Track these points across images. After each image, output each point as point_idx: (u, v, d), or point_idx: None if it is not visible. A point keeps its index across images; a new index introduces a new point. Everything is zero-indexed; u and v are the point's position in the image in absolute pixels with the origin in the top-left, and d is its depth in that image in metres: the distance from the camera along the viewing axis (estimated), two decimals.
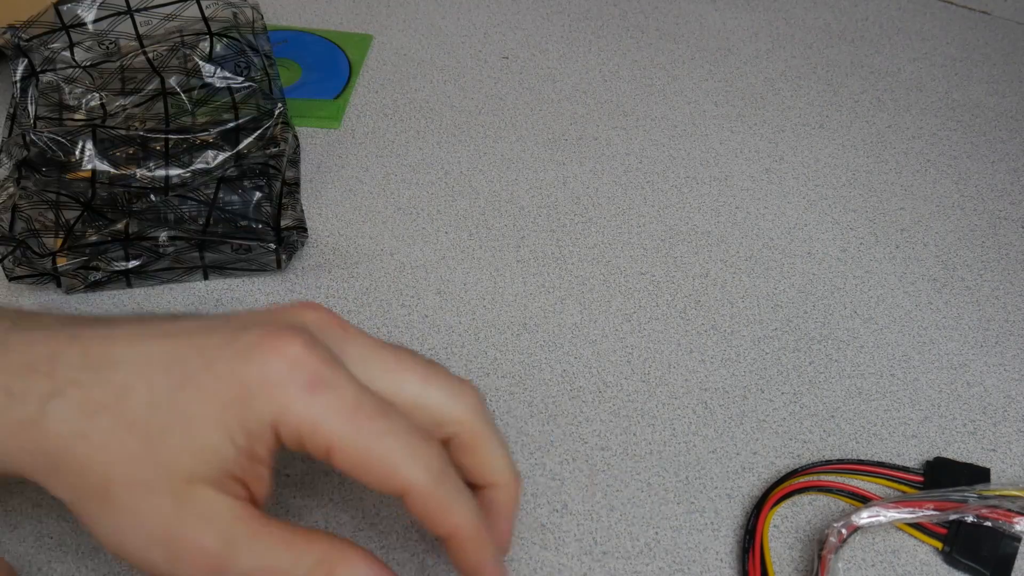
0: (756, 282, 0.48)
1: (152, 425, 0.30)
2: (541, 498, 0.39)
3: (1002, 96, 0.60)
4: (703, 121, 0.57)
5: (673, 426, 0.42)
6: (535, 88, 0.59)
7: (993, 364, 0.45)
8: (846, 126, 0.57)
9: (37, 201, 0.47)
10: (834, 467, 0.40)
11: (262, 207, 0.48)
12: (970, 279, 0.49)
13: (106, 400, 0.30)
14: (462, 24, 0.64)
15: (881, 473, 0.40)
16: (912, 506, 0.38)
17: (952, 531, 0.38)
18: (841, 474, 0.40)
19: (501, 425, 0.42)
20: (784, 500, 0.39)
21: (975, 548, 0.38)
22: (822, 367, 0.44)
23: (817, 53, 0.63)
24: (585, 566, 0.37)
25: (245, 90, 0.52)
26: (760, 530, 0.38)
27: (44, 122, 0.50)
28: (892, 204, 0.53)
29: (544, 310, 0.46)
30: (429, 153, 0.55)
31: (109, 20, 0.52)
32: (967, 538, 0.38)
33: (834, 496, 0.39)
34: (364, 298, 0.47)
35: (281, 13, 0.63)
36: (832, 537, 0.37)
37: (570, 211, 0.51)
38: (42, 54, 0.51)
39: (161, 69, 0.52)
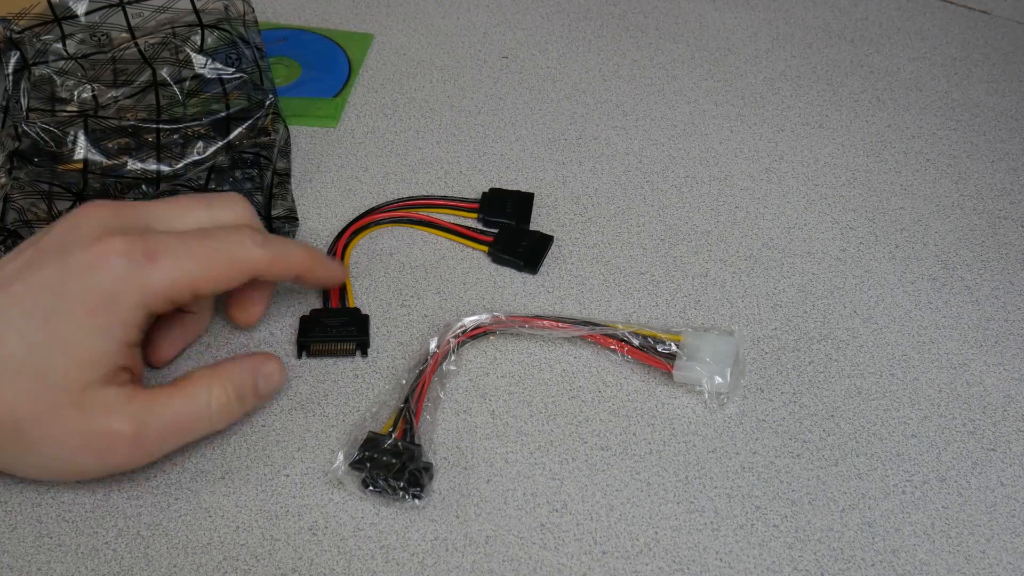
0: (756, 282, 0.48)
1: (35, 360, 0.34)
2: (541, 498, 0.39)
3: (1002, 96, 0.60)
4: (703, 121, 0.57)
5: (673, 426, 0.42)
6: (535, 88, 0.59)
7: (993, 364, 0.45)
8: (846, 126, 0.57)
9: (29, 192, 0.47)
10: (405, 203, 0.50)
11: (253, 197, 0.48)
12: (970, 279, 0.49)
13: None
14: (462, 24, 0.64)
15: (443, 204, 0.50)
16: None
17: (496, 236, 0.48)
18: (410, 209, 0.50)
19: (501, 424, 0.42)
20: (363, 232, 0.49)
21: (513, 246, 0.48)
22: (822, 367, 0.44)
23: (817, 53, 0.63)
24: (585, 566, 0.37)
25: (236, 81, 0.52)
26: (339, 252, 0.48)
27: (36, 114, 0.50)
28: (892, 204, 0.53)
29: (544, 310, 0.46)
30: (429, 153, 0.54)
31: (101, 12, 0.52)
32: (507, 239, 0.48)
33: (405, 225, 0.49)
34: (364, 298, 0.47)
35: (281, 11, 0.63)
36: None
37: (570, 211, 0.51)
38: (34, 46, 0.51)
39: (153, 61, 0.52)
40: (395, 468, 0.38)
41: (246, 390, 0.39)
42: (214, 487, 0.39)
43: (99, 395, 0.35)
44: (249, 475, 0.40)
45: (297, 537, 0.38)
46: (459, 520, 0.38)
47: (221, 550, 0.37)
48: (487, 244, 0.48)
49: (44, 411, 0.34)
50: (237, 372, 0.38)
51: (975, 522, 0.39)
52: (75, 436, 0.35)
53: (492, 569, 0.37)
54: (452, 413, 0.42)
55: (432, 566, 0.37)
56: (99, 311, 0.35)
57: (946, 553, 0.38)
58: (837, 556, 0.38)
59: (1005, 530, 0.39)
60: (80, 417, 0.35)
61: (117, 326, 0.35)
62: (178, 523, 0.38)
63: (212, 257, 0.37)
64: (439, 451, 0.41)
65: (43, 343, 0.34)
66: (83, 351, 0.35)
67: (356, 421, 0.41)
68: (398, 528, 0.38)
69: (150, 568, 0.37)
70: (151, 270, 0.35)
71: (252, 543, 0.38)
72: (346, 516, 0.38)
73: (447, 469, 0.40)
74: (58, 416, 0.35)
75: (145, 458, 0.37)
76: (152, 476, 0.39)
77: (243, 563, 0.37)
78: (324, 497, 0.39)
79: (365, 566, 0.37)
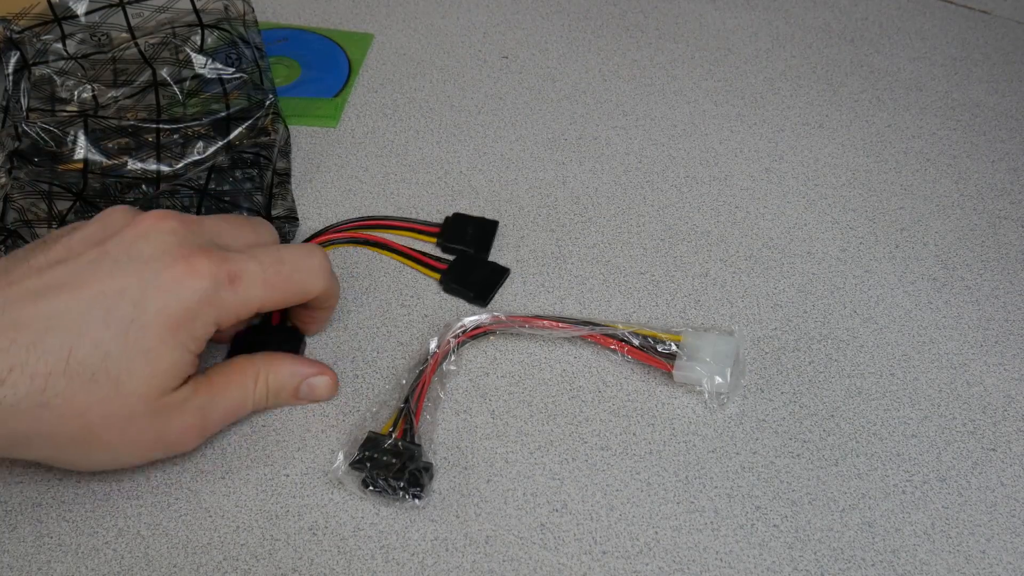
0: (756, 282, 0.48)
1: (111, 369, 0.35)
2: (541, 498, 0.39)
3: (1002, 96, 0.60)
4: (703, 121, 0.57)
5: (673, 426, 0.42)
6: (535, 88, 0.59)
7: (993, 364, 0.45)
8: (846, 126, 0.57)
9: (29, 192, 0.47)
10: (363, 223, 0.49)
11: (253, 197, 0.48)
12: (970, 279, 0.49)
13: (53, 367, 0.34)
14: (462, 24, 0.64)
15: (403, 227, 0.49)
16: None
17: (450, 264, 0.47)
18: (368, 230, 0.49)
19: (501, 424, 0.42)
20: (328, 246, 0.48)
21: (466, 276, 0.46)
22: (822, 367, 0.44)
23: (817, 53, 0.63)
24: (585, 566, 0.37)
25: (236, 81, 0.52)
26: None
27: (36, 114, 0.50)
28: (892, 204, 0.53)
29: (544, 310, 0.46)
30: (429, 153, 0.54)
31: (101, 12, 0.52)
32: (461, 268, 0.47)
33: (360, 246, 0.49)
34: (364, 298, 0.47)
35: (281, 11, 0.63)
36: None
37: (570, 211, 0.51)
38: (34, 46, 0.51)
39: (153, 61, 0.52)
40: (395, 468, 0.38)
41: (284, 391, 0.41)
42: (214, 487, 0.39)
43: (172, 398, 0.37)
44: (249, 475, 0.40)
45: (297, 537, 0.38)
46: (459, 520, 0.38)
47: (221, 550, 0.37)
48: (440, 271, 0.47)
49: (118, 417, 0.35)
50: (283, 374, 0.41)
51: (975, 522, 0.39)
52: (149, 436, 0.37)
53: (492, 569, 0.37)
54: (452, 413, 0.42)
55: (432, 566, 0.37)
56: (181, 328, 0.36)
57: (946, 553, 0.38)
58: (837, 556, 0.38)
59: (1005, 530, 0.39)
60: (155, 421, 0.36)
61: (192, 341, 0.36)
62: (178, 523, 0.38)
63: (284, 286, 0.39)
64: (439, 451, 0.41)
65: (122, 353, 0.35)
66: (163, 363, 0.36)
67: (356, 421, 0.41)
68: (398, 528, 0.38)
69: (150, 568, 0.37)
70: (228, 294, 0.37)
71: (252, 543, 0.38)
72: (346, 516, 0.38)
73: (447, 469, 0.40)
74: (133, 422, 0.36)
75: (203, 441, 0.39)
76: (152, 476, 0.39)
77: (243, 563, 0.37)
78: (324, 497, 0.39)
79: (365, 566, 0.37)
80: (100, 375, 0.34)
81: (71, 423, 0.35)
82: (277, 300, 0.39)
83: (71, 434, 0.35)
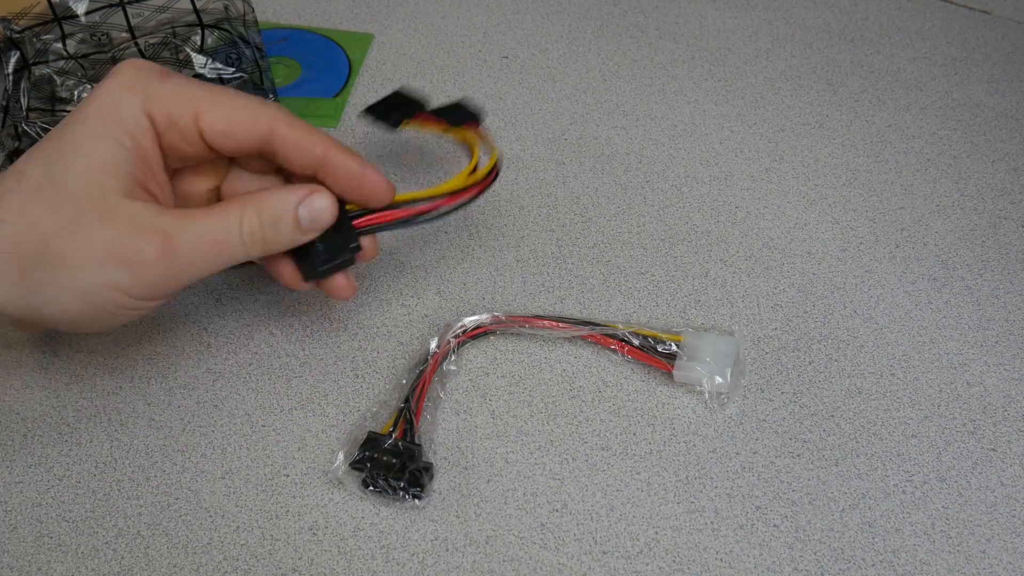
0: (756, 282, 0.48)
1: (52, 172, 0.34)
2: (541, 498, 0.39)
3: (1002, 96, 0.60)
4: (703, 121, 0.57)
5: (673, 426, 0.42)
6: (535, 88, 0.59)
7: (993, 364, 0.45)
8: (846, 126, 0.57)
9: None
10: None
11: None
12: (970, 279, 0.49)
13: (10, 185, 0.34)
14: (462, 24, 0.64)
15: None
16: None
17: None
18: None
19: (501, 424, 0.42)
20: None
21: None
22: (822, 367, 0.44)
23: (817, 53, 0.63)
24: (585, 566, 0.37)
25: (236, 81, 0.52)
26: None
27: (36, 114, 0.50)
28: (892, 204, 0.53)
29: (544, 310, 0.46)
30: (429, 153, 0.54)
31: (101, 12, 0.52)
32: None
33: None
34: (364, 298, 0.47)
35: (281, 11, 0.63)
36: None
37: (570, 211, 0.51)
38: (34, 46, 0.51)
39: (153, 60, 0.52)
40: (395, 468, 0.38)
41: (282, 220, 0.37)
42: (214, 487, 0.39)
43: (123, 207, 0.35)
44: (249, 475, 0.40)
45: (297, 537, 0.38)
46: (459, 520, 0.38)
47: (221, 550, 0.37)
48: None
49: (67, 222, 0.34)
50: (272, 200, 0.36)
51: (975, 522, 0.39)
52: (102, 244, 0.34)
53: (492, 569, 0.37)
54: (452, 413, 0.42)
55: (432, 566, 0.37)
56: (106, 116, 0.34)
57: (946, 553, 0.38)
58: (837, 556, 0.38)
59: (1005, 530, 0.39)
60: (106, 227, 0.34)
61: (124, 134, 0.35)
62: (178, 523, 0.38)
63: (223, 91, 0.36)
64: (439, 451, 0.41)
65: (58, 154, 0.34)
66: (93, 156, 0.34)
67: (356, 421, 0.41)
68: (398, 528, 0.38)
69: (150, 568, 0.37)
70: (154, 82, 0.35)
71: (252, 543, 0.38)
72: (346, 516, 0.38)
73: (447, 469, 0.40)
74: (82, 225, 0.34)
75: (176, 278, 0.36)
76: (152, 476, 0.39)
77: (243, 563, 0.37)
78: (324, 497, 0.39)
79: (365, 566, 0.37)
80: (45, 182, 0.34)
81: (28, 236, 0.34)
82: (217, 110, 0.36)
83: (29, 252, 0.34)
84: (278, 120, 0.37)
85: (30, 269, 0.34)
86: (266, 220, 0.36)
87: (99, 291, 0.35)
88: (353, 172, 0.37)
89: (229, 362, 0.44)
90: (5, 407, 0.41)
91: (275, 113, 0.37)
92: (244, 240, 0.36)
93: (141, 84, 0.35)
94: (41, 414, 0.42)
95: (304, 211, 0.37)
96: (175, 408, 0.42)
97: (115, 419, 0.41)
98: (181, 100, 0.35)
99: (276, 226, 0.37)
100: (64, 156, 0.34)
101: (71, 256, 0.34)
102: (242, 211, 0.36)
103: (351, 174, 0.37)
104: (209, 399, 0.42)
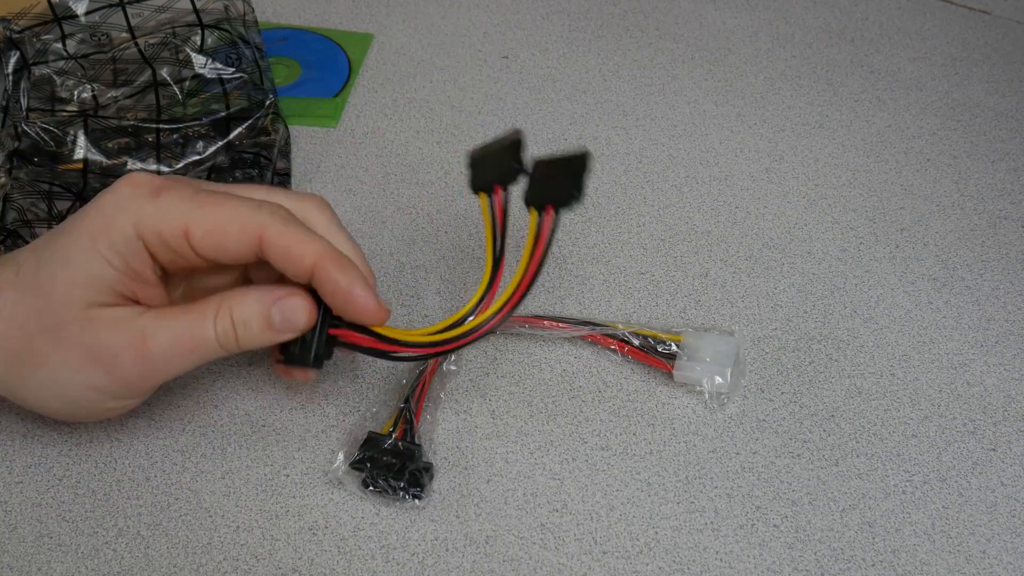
0: (756, 282, 0.48)
1: (42, 278, 0.35)
2: (541, 498, 0.39)
3: (1002, 96, 0.60)
4: (703, 121, 0.57)
5: (673, 426, 0.42)
6: (535, 88, 0.59)
7: (993, 364, 0.45)
8: (846, 126, 0.57)
9: (29, 192, 0.47)
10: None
11: None
12: (970, 279, 0.49)
13: (7, 280, 0.36)
14: (462, 24, 0.64)
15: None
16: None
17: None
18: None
19: (501, 424, 0.42)
20: None
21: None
22: (822, 367, 0.44)
23: (817, 53, 0.63)
24: (585, 566, 0.37)
25: (236, 81, 0.52)
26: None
27: (36, 114, 0.50)
28: (892, 204, 0.53)
29: (544, 310, 0.46)
30: (429, 153, 0.54)
31: (101, 12, 0.52)
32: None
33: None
34: None
35: (281, 11, 0.63)
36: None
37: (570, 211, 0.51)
38: (34, 46, 0.51)
39: (153, 61, 0.52)
40: (395, 468, 0.38)
41: (253, 321, 0.36)
42: (214, 487, 0.39)
43: (105, 313, 0.36)
44: (249, 475, 0.40)
45: (297, 537, 0.38)
46: (459, 520, 0.38)
47: (221, 550, 0.37)
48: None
49: (50, 326, 0.35)
50: (247, 300, 0.36)
51: (975, 522, 0.39)
52: (81, 350, 0.35)
53: (492, 569, 0.37)
54: (452, 413, 0.42)
55: (432, 566, 0.37)
56: (97, 235, 0.35)
57: (946, 553, 0.38)
58: (837, 556, 0.38)
59: (1005, 530, 0.39)
60: (84, 332, 0.35)
61: (115, 255, 0.35)
62: (178, 523, 0.38)
63: (213, 202, 0.36)
64: (439, 451, 0.41)
65: (48, 257, 0.36)
66: (80, 271, 0.35)
67: (356, 421, 0.41)
68: (398, 528, 0.38)
69: (150, 568, 0.37)
70: (148, 202, 0.35)
71: (252, 543, 0.38)
72: (346, 516, 0.38)
73: (447, 469, 0.40)
74: (63, 332, 0.35)
75: (153, 376, 0.37)
76: (152, 476, 0.39)
77: (243, 563, 0.37)
78: (324, 497, 0.39)
79: (365, 566, 0.37)
80: (34, 285, 0.36)
81: (15, 333, 0.36)
82: (206, 225, 0.35)
83: (15, 348, 0.36)
84: (268, 228, 0.36)
85: (17, 364, 0.36)
86: (238, 319, 0.36)
87: (78, 391, 0.37)
88: (340, 289, 0.36)
89: (229, 362, 0.44)
90: (5, 407, 0.41)
91: (265, 221, 0.36)
92: (219, 339, 0.36)
93: (134, 205, 0.35)
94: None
95: (276, 313, 0.37)
96: (175, 408, 0.42)
97: (115, 419, 0.41)
98: (170, 219, 0.35)
99: (248, 326, 0.36)
100: (54, 263, 0.36)
101: (52, 358, 0.36)
102: (217, 310, 0.36)
103: (337, 291, 0.36)
104: (209, 399, 0.42)
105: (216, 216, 0.35)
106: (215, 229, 0.35)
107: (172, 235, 0.35)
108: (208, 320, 0.36)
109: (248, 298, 0.36)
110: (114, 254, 0.35)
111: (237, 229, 0.35)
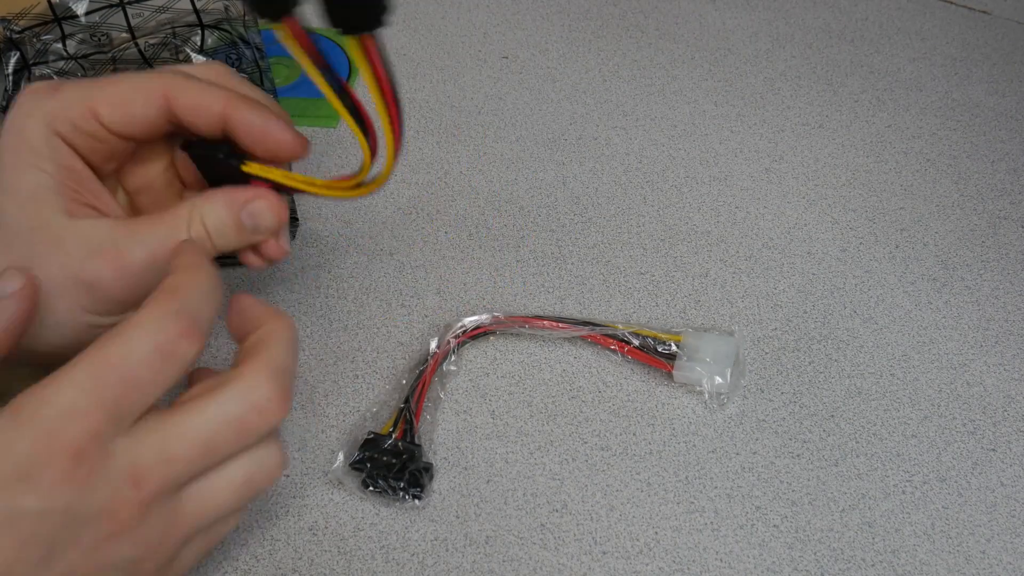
0: (756, 282, 0.48)
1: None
2: (541, 498, 0.39)
3: (1002, 96, 0.60)
4: (703, 121, 0.57)
5: (673, 426, 0.42)
6: (535, 88, 0.59)
7: (993, 364, 0.45)
8: (846, 126, 0.57)
9: None
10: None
11: None
12: (970, 279, 0.49)
13: None
14: (462, 24, 0.64)
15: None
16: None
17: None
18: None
19: (501, 424, 0.42)
20: None
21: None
22: (822, 367, 0.44)
23: (817, 53, 0.63)
24: (585, 566, 0.37)
25: None
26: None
27: None
28: (892, 204, 0.53)
29: (544, 310, 0.46)
30: (429, 153, 0.54)
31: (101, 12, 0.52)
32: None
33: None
34: (364, 298, 0.47)
35: None
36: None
37: (570, 211, 0.51)
38: (34, 46, 0.51)
39: (153, 61, 0.52)
40: (395, 468, 0.38)
41: (226, 228, 0.37)
42: None
43: (71, 229, 0.35)
44: None
45: (297, 537, 0.38)
46: (459, 520, 0.38)
47: (221, 550, 0.37)
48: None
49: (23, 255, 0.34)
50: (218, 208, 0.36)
51: (975, 522, 0.39)
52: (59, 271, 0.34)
53: (492, 569, 0.37)
54: (452, 413, 0.42)
55: (432, 566, 0.37)
56: (17, 149, 0.35)
57: (946, 553, 0.38)
58: (837, 556, 0.38)
59: (1005, 530, 0.39)
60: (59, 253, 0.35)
61: (40, 159, 0.35)
62: None
63: (114, 79, 0.36)
64: (439, 451, 0.41)
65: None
66: (20, 189, 0.35)
67: (356, 421, 0.41)
68: (398, 528, 0.38)
69: None
70: (51, 98, 0.35)
71: (252, 543, 0.38)
72: (346, 516, 0.38)
73: (447, 469, 0.40)
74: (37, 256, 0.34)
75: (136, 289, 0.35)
76: None
77: (243, 563, 0.37)
78: (324, 497, 0.39)
79: (365, 566, 0.37)
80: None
81: None
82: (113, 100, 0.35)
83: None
84: (171, 87, 0.36)
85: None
86: (211, 227, 0.36)
87: (65, 315, 0.36)
88: (255, 127, 0.36)
89: (229, 362, 0.44)
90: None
91: (167, 81, 0.36)
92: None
93: (38, 106, 0.35)
94: None
95: (247, 218, 0.37)
96: None
97: None
98: (75, 104, 0.35)
99: (222, 232, 0.37)
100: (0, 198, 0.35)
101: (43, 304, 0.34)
102: (188, 219, 0.36)
103: (252, 129, 0.36)
104: None
105: (118, 89, 0.36)
106: (120, 101, 0.35)
107: (82, 118, 0.35)
108: (182, 229, 0.36)
109: (217, 205, 0.36)
110: (40, 158, 0.35)
111: (142, 97, 0.36)
